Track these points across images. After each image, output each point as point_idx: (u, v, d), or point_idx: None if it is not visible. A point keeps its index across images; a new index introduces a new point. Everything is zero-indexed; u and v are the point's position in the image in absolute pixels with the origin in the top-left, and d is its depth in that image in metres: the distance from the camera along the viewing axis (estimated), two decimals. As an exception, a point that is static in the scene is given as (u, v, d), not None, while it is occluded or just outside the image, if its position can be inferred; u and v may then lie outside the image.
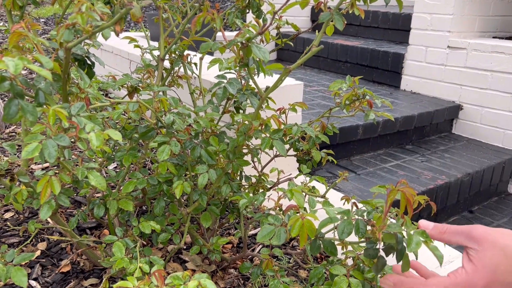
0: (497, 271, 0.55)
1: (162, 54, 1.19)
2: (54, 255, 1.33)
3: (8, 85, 0.69)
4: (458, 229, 0.61)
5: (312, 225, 0.77)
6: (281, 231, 0.89)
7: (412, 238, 0.59)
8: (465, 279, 0.56)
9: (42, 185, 0.82)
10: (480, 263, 0.56)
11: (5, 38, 4.64)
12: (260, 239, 0.89)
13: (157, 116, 1.00)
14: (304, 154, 1.32)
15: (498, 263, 0.55)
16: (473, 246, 0.58)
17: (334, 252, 0.97)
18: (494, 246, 0.56)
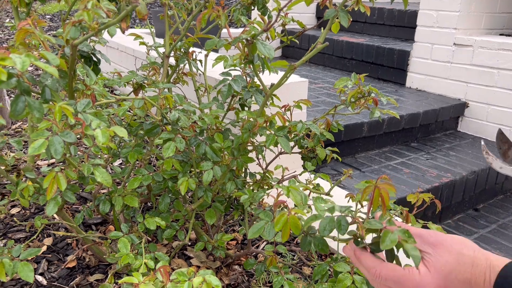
0: (448, 278, 0.55)
1: (167, 51, 1.19)
2: (60, 251, 1.34)
3: (15, 82, 0.70)
4: (416, 232, 0.60)
5: (296, 221, 0.74)
6: (271, 227, 0.89)
7: (387, 235, 0.58)
8: (416, 279, 0.56)
9: (48, 181, 0.82)
10: (433, 267, 0.56)
11: (11, 35, 4.66)
12: (251, 235, 0.88)
13: (162, 113, 1.00)
14: (309, 152, 1.32)
15: (450, 270, 0.55)
16: (427, 250, 0.58)
17: (324, 249, 0.96)
18: (450, 253, 0.56)
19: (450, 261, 0.55)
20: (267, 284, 1.25)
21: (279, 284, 1.03)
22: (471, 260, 0.55)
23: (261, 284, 1.24)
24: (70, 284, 1.20)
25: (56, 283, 1.20)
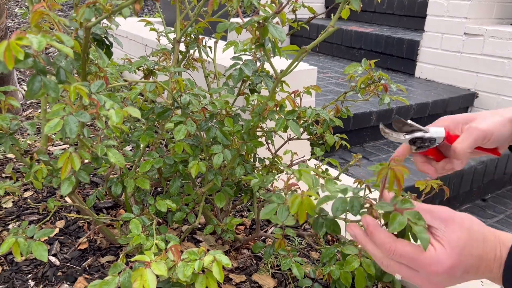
0: (463, 253, 0.53)
1: (178, 36, 1.20)
2: (72, 233, 1.36)
3: (31, 61, 0.71)
4: (426, 207, 0.58)
5: (311, 203, 0.75)
6: (283, 209, 0.90)
7: (396, 217, 0.57)
8: (432, 255, 0.53)
9: (63, 161, 0.84)
10: (447, 243, 0.54)
11: (21, 24, 4.69)
12: (263, 216, 0.89)
13: (173, 97, 1.01)
14: (317, 138, 1.33)
15: (464, 245, 0.54)
16: (439, 226, 0.55)
17: (337, 230, 0.97)
18: (461, 229, 0.54)
19: (462, 237, 0.54)
20: (275, 267, 1.26)
21: (287, 266, 1.04)
22: (482, 236, 0.55)
23: (269, 267, 1.26)
24: (82, 265, 1.23)
25: (69, 264, 1.23)
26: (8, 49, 0.65)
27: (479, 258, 0.54)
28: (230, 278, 1.21)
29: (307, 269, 1.22)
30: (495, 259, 0.54)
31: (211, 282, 0.85)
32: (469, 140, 0.65)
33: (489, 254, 0.54)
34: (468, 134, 0.65)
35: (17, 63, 0.68)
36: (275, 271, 1.25)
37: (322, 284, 1.18)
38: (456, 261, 0.53)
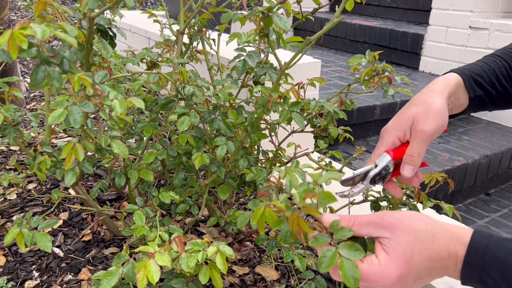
0: (411, 261, 0.51)
1: (181, 27, 1.20)
2: (75, 225, 1.37)
3: (35, 51, 0.71)
4: (367, 220, 0.54)
5: (273, 215, 0.68)
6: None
7: (326, 255, 0.51)
8: (377, 270, 0.51)
9: (66, 152, 0.84)
10: (394, 253, 0.51)
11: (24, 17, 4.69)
12: (239, 224, 0.84)
13: (176, 88, 1.01)
14: (321, 131, 1.32)
15: (412, 252, 0.51)
16: (385, 235, 0.52)
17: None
18: (407, 233, 0.51)
19: (409, 241, 0.51)
20: (278, 259, 1.26)
21: (290, 258, 1.04)
22: (431, 235, 0.52)
23: (272, 259, 1.26)
24: (85, 257, 1.23)
25: (72, 255, 1.24)
26: (12, 38, 0.64)
27: (430, 260, 0.51)
28: (234, 270, 1.22)
29: (310, 262, 1.22)
30: (450, 257, 0.51)
31: (215, 273, 0.85)
32: (419, 149, 0.66)
33: (441, 253, 0.51)
34: (418, 140, 0.66)
35: (20, 53, 0.68)
36: (278, 263, 1.25)
37: (324, 276, 1.18)
38: (404, 270, 0.51)
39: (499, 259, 0.48)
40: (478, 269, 0.49)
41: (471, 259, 0.50)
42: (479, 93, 0.73)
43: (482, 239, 0.50)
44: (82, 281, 1.14)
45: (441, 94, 0.70)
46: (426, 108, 0.68)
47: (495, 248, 0.49)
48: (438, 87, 0.71)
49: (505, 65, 0.75)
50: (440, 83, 0.72)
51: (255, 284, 1.18)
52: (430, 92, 0.71)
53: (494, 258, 0.48)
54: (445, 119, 0.68)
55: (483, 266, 0.49)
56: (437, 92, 0.70)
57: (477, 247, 0.50)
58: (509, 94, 0.75)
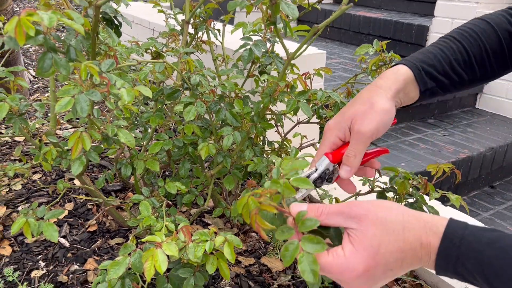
0: (379, 253, 0.48)
1: (187, 17, 1.19)
2: (81, 215, 1.37)
3: (42, 38, 0.70)
4: (335, 209, 0.52)
5: (255, 202, 0.66)
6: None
7: (288, 249, 0.50)
8: (342, 262, 0.49)
9: (73, 141, 0.83)
10: (360, 245, 0.49)
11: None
12: (233, 213, 0.85)
13: (182, 77, 1.00)
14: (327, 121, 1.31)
15: (379, 244, 0.48)
16: (352, 226, 0.50)
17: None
18: (375, 224, 0.49)
19: (377, 233, 0.49)
20: (283, 251, 1.26)
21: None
22: (401, 225, 0.49)
23: (278, 250, 1.26)
24: (91, 247, 1.23)
25: (78, 246, 1.24)
26: (19, 25, 0.64)
27: (400, 251, 0.49)
28: (239, 260, 1.22)
29: (316, 252, 1.22)
30: (422, 247, 0.49)
31: (222, 263, 0.85)
32: (355, 150, 0.64)
33: (413, 243, 0.49)
34: (355, 142, 0.64)
35: (27, 40, 0.67)
36: (284, 254, 1.25)
37: (331, 267, 1.18)
38: (370, 263, 0.48)
39: (476, 250, 0.46)
40: (453, 260, 0.47)
41: (445, 250, 0.47)
42: (431, 85, 0.70)
43: (458, 229, 0.48)
44: (88, 271, 1.15)
45: (386, 93, 0.66)
46: (368, 108, 0.65)
47: (471, 239, 0.46)
48: (385, 83, 0.67)
49: (460, 49, 0.71)
50: (388, 79, 0.68)
51: (261, 274, 1.18)
52: (375, 89, 0.67)
53: (470, 249, 0.46)
54: (389, 117, 0.65)
55: (458, 257, 0.47)
56: (383, 90, 0.66)
57: (452, 237, 0.47)
58: (464, 80, 0.72)
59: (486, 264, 0.45)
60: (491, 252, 0.45)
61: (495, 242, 0.45)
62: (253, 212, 0.52)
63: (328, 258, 0.50)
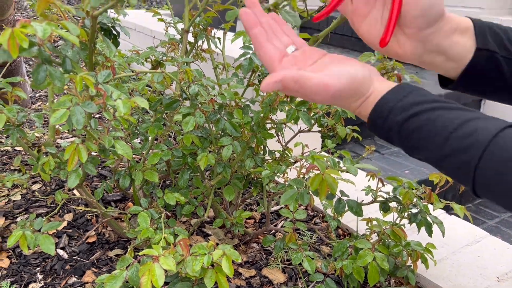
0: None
1: (186, 26, 1.18)
2: (80, 226, 1.35)
3: (36, 50, 0.70)
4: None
5: (333, 180, 0.75)
6: (304, 193, 0.88)
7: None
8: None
9: (69, 153, 0.82)
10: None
11: (30, 17, 4.70)
12: (283, 202, 0.88)
13: (181, 87, 0.99)
14: (328, 130, 1.30)
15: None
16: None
17: (359, 213, 0.96)
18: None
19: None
20: (285, 262, 1.24)
21: (298, 260, 1.02)
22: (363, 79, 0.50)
23: (279, 262, 1.24)
24: (90, 259, 1.22)
25: (77, 257, 1.22)
26: (12, 37, 0.63)
27: (351, 96, 0.51)
28: (240, 272, 1.20)
29: (318, 264, 1.20)
30: (361, 106, 0.51)
31: (221, 277, 0.83)
32: None
33: (360, 94, 0.51)
34: None
35: (21, 52, 0.66)
36: (285, 265, 1.23)
37: (333, 279, 1.15)
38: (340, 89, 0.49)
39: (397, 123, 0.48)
40: (384, 130, 0.50)
41: (375, 121, 0.50)
42: (493, 48, 0.54)
43: (392, 100, 0.49)
44: (86, 283, 1.13)
45: None
46: None
47: (395, 114, 0.48)
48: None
49: None
50: None
51: (262, 287, 1.16)
52: None
53: (394, 122, 0.48)
54: None
55: (383, 127, 0.50)
56: None
57: (382, 110, 0.49)
58: None
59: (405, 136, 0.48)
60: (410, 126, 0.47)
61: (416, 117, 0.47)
62: None
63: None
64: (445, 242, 1.33)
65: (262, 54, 0.52)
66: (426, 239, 1.14)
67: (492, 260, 1.27)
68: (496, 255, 1.30)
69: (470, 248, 1.33)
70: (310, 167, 0.81)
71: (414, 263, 1.08)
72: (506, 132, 0.42)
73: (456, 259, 1.28)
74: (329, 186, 0.75)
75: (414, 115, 0.47)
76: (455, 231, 1.41)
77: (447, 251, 1.31)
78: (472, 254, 1.30)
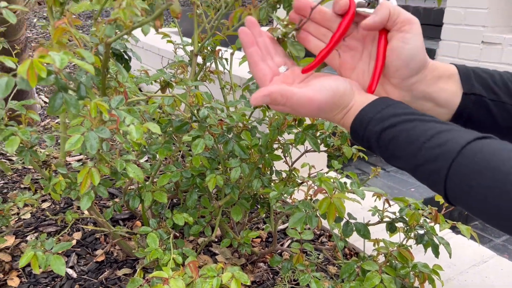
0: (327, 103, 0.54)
1: (196, 49, 1.20)
2: (89, 245, 1.37)
3: (53, 79, 0.72)
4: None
5: (341, 204, 0.77)
6: (313, 215, 0.90)
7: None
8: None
9: (82, 176, 0.84)
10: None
11: (39, 34, 4.78)
12: (291, 225, 0.90)
13: (191, 110, 1.01)
14: (335, 150, 1.31)
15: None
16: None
17: (367, 235, 0.97)
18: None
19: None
20: (292, 282, 1.25)
21: (306, 281, 1.03)
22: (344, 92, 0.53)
23: (286, 282, 1.24)
24: (99, 278, 1.23)
25: (86, 277, 1.23)
26: (31, 67, 0.65)
27: (334, 108, 0.53)
28: (247, 292, 1.20)
29: (326, 285, 1.20)
30: (344, 118, 0.54)
31: (230, 299, 0.84)
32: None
33: (341, 106, 0.54)
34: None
35: (39, 81, 0.68)
36: (293, 285, 1.23)
37: (340, 299, 1.16)
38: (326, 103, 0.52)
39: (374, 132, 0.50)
40: (364, 139, 0.52)
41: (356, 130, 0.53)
42: (479, 92, 0.55)
43: (370, 112, 0.52)
44: (95, 303, 1.14)
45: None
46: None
47: (373, 124, 0.51)
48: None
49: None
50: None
51: (269, 307, 1.16)
52: None
53: (373, 132, 0.50)
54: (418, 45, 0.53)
55: (363, 136, 0.52)
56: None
57: (362, 120, 0.52)
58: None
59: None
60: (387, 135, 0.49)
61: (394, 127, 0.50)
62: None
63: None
64: (452, 262, 1.33)
65: (255, 71, 0.55)
66: (433, 259, 1.14)
67: (500, 281, 1.27)
68: (503, 275, 1.30)
69: (477, 269, 1.33)
70: (318, 190, 0.83)
71: (422, 285, 1.08)
72: (475, 144, 0.44)
73: (463, 280, 1.28)
74: (337, 210, 0.77)
75: (391, 126, 0.49)
76: (462, 251, 1.41)
77: (454, 272, 1.31)
78: (479, 274, 1.30)
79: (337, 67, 0.59)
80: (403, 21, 0.52)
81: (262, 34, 0.58)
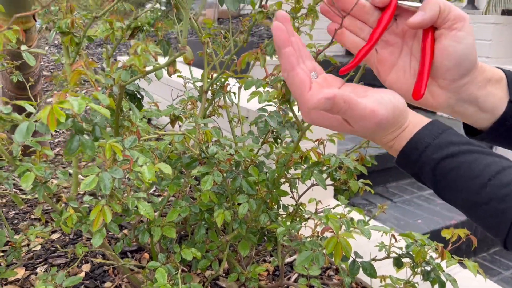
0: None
1: (205, 87, 1.24)
2: (97, 277, 1.38)
3: (71, 122, 0.75)
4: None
5: (348, 243, 0.79)
6: (320, 255, 0.91)
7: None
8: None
9: (95, 214, 0.87)
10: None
11: (50, 62, 4.89)
12: (299, 263, 0.91)
13: (201, 147, 1.04)
14: (341, 184, 1.33)
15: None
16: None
17: (373, 275, 0.98)
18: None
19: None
20: (299, 317, 1.24)
21: (313, 318, 1.03)
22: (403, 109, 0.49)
23: (294, 317, 1.24)
24: (107, 311, 1.24)
25: (94, 310, 1.24)
26: (51, 113, 0.69)
27: (388, 126, 0.49)
28: (254, 327, 1.20)
29: (332, 320, 1.20)
30: (395, 140, 0.50)
31: (238, 337, 0.85)
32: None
33: (395, 125, 0.49)
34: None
35: (58, 125, 0.72)
36: (299, 320, 1.23)
37: (347, 336, 1.15)
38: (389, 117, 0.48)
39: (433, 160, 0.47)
40: (417, 164, 0.48)
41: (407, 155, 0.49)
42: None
43: (426, 137, 0.48)
44: (103, 337, 1.14)
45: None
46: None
47: (431, 151, 0.47)
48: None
49: None
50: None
51: None
52: None
53: (430, 159, 0.47)
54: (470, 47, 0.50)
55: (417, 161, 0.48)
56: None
57: (416, 145, 0.48)
58: None
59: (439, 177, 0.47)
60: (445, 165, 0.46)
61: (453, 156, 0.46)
62: None
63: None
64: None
65: (292, 76, 0.46)
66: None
67: (509, 318, 1.26)
68: (513, 312, 1.29)
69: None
70: (325, 229, 0.84)
71: (429, 322, 1.07)
72: None
73: (471, 316, 1.27)
74: (344, 249, 0.78)
75: (451, 156, 0.46)
76: (469, 283, 1.40)
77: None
78: (487, 310, 1.29)
79: (374, 64, 0.54)
80: (454, 18, 0.47)
81: (294, 33, 0.49)
